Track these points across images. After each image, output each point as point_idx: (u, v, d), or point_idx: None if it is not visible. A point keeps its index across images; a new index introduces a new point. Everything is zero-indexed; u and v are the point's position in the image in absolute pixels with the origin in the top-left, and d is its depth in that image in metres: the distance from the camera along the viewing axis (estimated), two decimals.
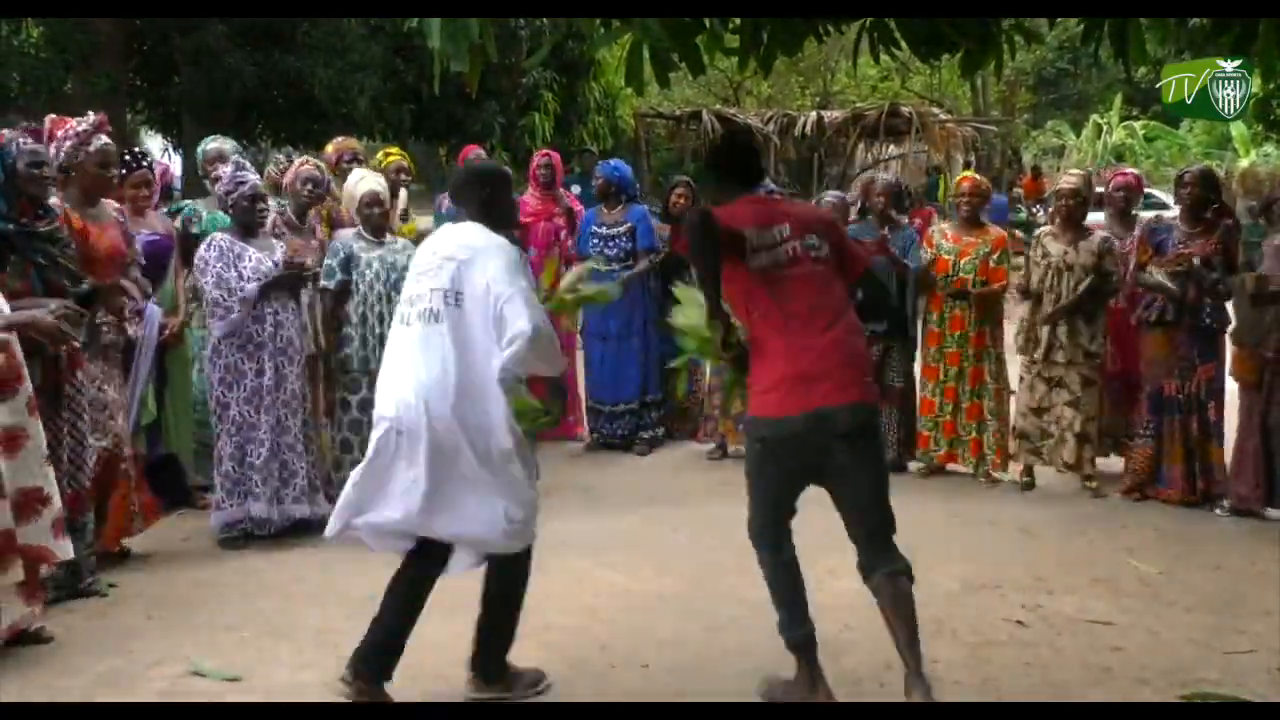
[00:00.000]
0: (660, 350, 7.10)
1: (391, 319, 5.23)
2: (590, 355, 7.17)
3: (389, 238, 5.60)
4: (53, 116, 4.78)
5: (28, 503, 3.87)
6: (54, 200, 4.45)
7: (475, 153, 7.44)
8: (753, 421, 3.69)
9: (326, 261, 5.45)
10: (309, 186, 5.74)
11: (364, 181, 5.62)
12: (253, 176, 5.26)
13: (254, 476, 5.14)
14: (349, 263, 5.44)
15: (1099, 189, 8.39)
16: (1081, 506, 6.03)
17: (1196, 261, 5.72)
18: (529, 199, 7.10)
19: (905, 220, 7.24)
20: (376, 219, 5.54)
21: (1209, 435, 5.88)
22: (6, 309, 3.82)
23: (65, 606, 4.35)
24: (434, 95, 10.97)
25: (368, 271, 5.42)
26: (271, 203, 5.57)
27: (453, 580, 4.74)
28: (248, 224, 5.22)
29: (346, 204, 5.73)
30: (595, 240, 7.02)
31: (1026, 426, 6.26)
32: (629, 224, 6.98)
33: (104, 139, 4.68)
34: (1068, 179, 6.45)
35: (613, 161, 7.46)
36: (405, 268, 5.33)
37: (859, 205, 7.34)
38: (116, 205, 5.01)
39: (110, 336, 4.75)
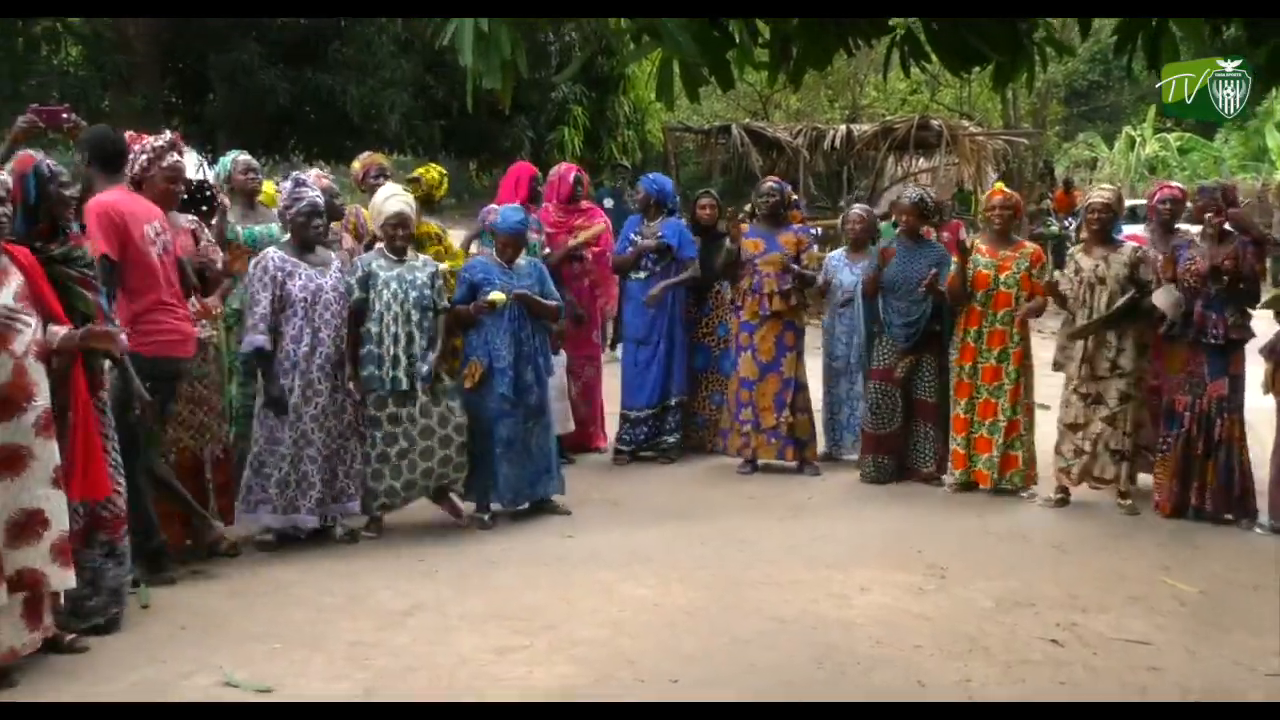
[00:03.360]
0: (685, 358, 7.15)
1: (409, 338, 5.33)
2: (629, 361, 7.20)
3: (411, 255, 5.60)
4: (130, 132, 5.09)
5: (28, 524, 3.82)
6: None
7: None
8: None
9: (346, 279, 5.46)
10: (334, 200, 5.91)
11: (392, 200, 5.61)
12: (311, 193, 5.34)
13: (270, 487, 5.22)
14: (368, 281, 5.45)
15: (1131, 203, 8.33)
16: (1116, 523, 5.95)
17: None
18: (549, 211, 7.14)
19: (934, 234, 7.21)
20: (400, 239, 5.54)
21: (1210, 454, 5.81)
22: (31, 331, 3.83)
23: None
24: (464, 111, 11.03)
25: (385, 291, 5.43)
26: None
27: (484, 597, 4.77)
28: (305, 240, 5.31)
29: (373, 220, 5.75)
30: (631, 249, 7.11)
31: (1063, 443, 6.20)
32: (663, 235, 7.02)
33: (176, 156, 4.93)
34: (1098, 194, 6.40)
35: (654, 175, 7.50)
36: (425, 285, 5.41)
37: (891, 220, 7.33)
38: (192, 217, 5.26)
39: (204, 334, 5.04)
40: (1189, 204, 6.70)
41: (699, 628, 4.43)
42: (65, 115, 5.27)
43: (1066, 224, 16.42)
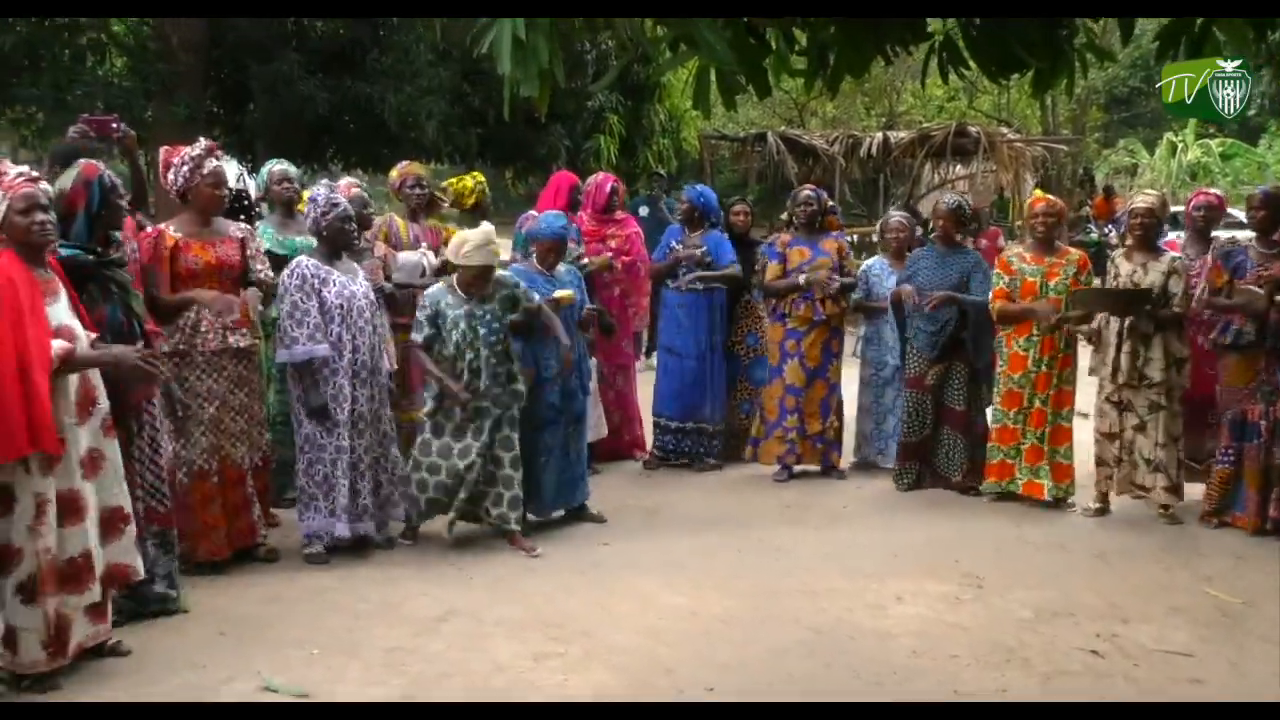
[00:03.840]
0: (722, 380, 7.15)
1: (474, 374, 5.32)
2: (661, 369, 7.20)
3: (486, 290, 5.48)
4: (166, 146, 5.17)
5: (112, 520, 4.01)
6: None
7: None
8: None
9: (417, 315, 5.47)
10: (365, 209, 5.90)
11: (481, 252, 5.36)
12: (343, 200, 5.38)
13: (319, 494, 5.25)
14: (436, 319, 5.42)
15: (1175, 209, 8.23)
16: (1157, 533, 5.88)
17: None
18: (584, 220, 7.16)
19: (970, 242, 7.17)
20: (476, 289, 5.41)
21: None
22: (85, 340, 3.91)
23: (146, 621, 4.45)
24: (501, 119, 11.10)
25: (454, 331, 5.38)
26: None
27: (520, 604, 4.78)
28: (341, 245, 5.33)
29: (451, 253, 5.49)
30: (670, 255, 7.11)
31: (1101, 452, 6.13)
32: (704, 248, 7.03)
33: (215, 162, 5.03)
34: (1142, 199, 6.33)
35: (699, 187, 7.50)
36: (491, 322, 5.37)
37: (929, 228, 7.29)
38: (244, 225, 5.37)
39: (245, 342, 5.11)
40: (1228, 210, 6.61)
41: (735, 637, 4.42)
42: (115, 125, 5.36)
43: (1106, 231, 16.25)
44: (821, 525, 6.03)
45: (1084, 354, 6.39)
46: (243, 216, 5.56)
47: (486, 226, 5.60)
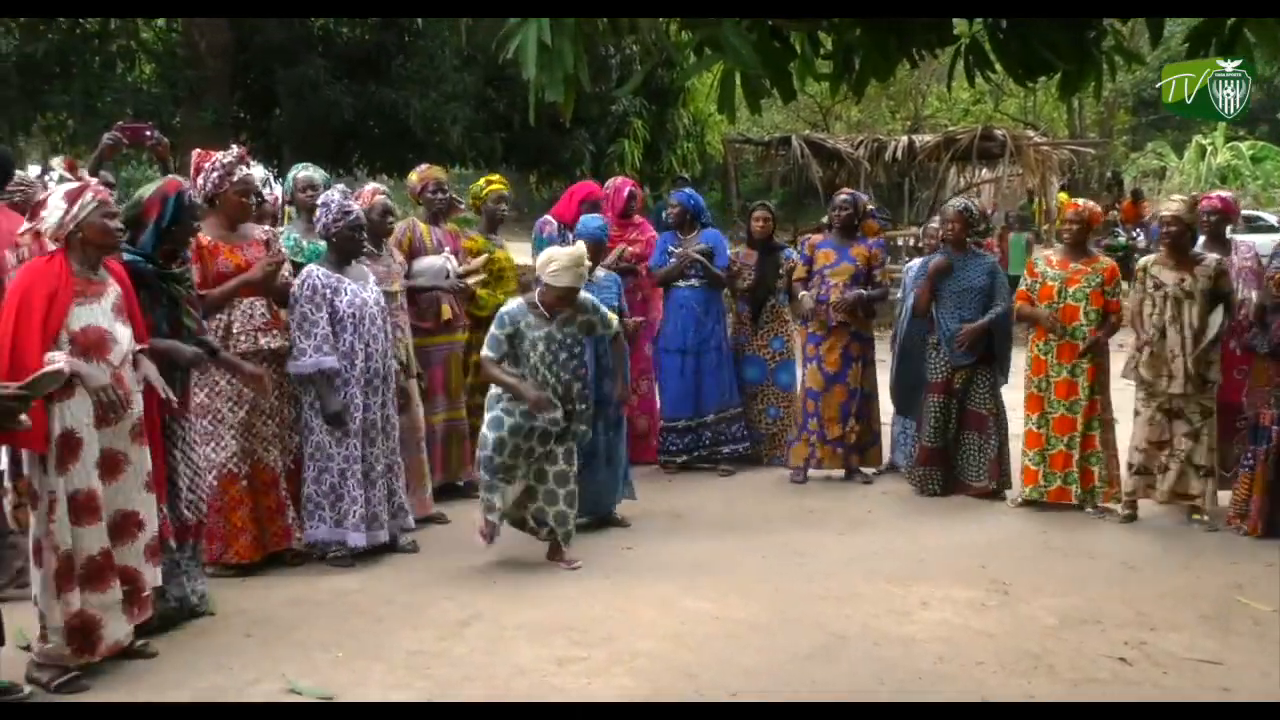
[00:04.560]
0: (733, 369, 7.14)
1: (550, 389, 5.18)
2: (667, 370, 7.17)
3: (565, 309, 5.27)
4: (199, 150, 5.24)
5: (125, 525, 4.04)
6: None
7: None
8: None
9: (493, 331, 5.20)
10: (387, 218, 5.88)
11: (567, 274, 5.13)
12: (357, 206, 5.38)
13: (324, 504, 5.24)
14: (513, 338, 5.19)
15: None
16: (1187, 540, 5.82)
17: None
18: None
19: (981, 246, 7.13)
20: (560, 309, 5.20)
21: None
22: (124, 344, 3.97)
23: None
24: (525, 124, 11.13)
25: (532, 353, 5.17)
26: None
27: (543, 608, 4.78)
28: (350, 253, 5.32)
29: (540, 270, 5.26)
30: (673, 259, 7.11)
31: (1144, 460, 6.04)
32: (702, 245, 7.04)
33: (245, 169, 5.08)
34: (1171, 205, 6.24)
35: (686, 190, 7.54)
36: (572, 345, 5.23)
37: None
38: (267, 228, 5.42)
39: (277, 343, 5.14)
40: (1242, 213, 6.53)
41: (759, 642, 4.40)
42: (148, 133, 5.42)
43: (1135, 235, 16.14)
44: (845, 530, 6.00)
45: (1114, 360, 6.34)
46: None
47: (579, 247, 5.35)
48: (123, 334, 3.97)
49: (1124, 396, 6.34)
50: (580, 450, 5.55)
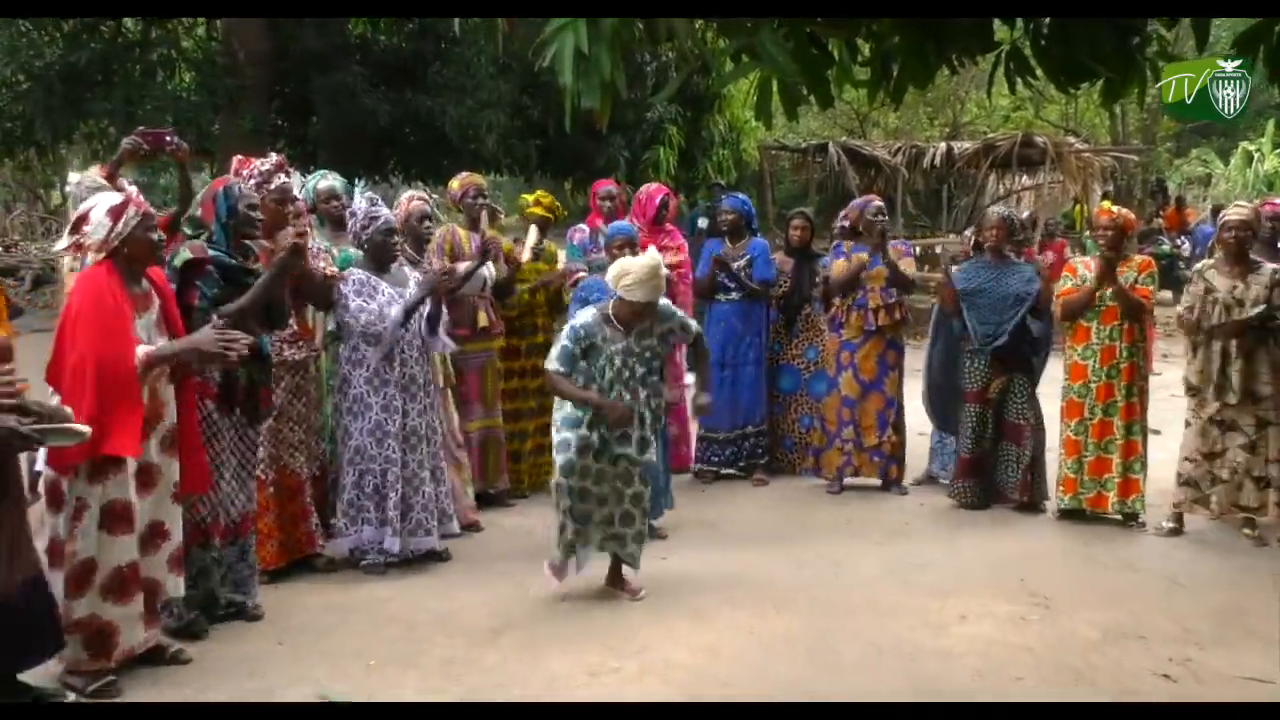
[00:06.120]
0: (765, 382, 7.11)
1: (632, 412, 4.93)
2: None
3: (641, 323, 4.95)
4: (239, 157, 5.27)
5: (151, 536, 4.06)
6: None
7: (605, 189, 7.47)
8: None
9: (565, 344, 4.87)
10: (425, 223, 5.91)
11: (642, 288, 4.76)
12: (386, 211, 5.39)
13: (369, 505, 5.25)
14: (588, 352, 4.88)
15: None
16: (1235, 555, 5.70)
17: None
18: None
19: (1021, 255, 7.04)
20: (636, 321, 4.89)
21: None
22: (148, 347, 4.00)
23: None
24: (560, 130, 11.14)
25: (608, 368, 4.87)
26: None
27: (577, 618, 4.76)
28: (385, 258, 5.34)
29: (615, 283, 4.89)
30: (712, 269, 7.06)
31: (1195, 472, 5.91)
32: (748, 256, 7.02)
33: (283, 177, 5.11)
34: (1234, 210, 6.11)
35: (740, 195, 7.48)
36: (651, 360, 4.96)
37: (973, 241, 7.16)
38: (298, 234, 5.40)
39: (302, 355, 5.18)
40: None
41: (795, 654, 4.35)
42: (169, 139, 5.45)
43: (1179, 242, 15.91)
44: (882, 540, 5.93)
45: (1164, 365, 6.23)
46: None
47: (654, 256, 4.87)
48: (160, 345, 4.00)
49: (1169, 407, 6.22)
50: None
